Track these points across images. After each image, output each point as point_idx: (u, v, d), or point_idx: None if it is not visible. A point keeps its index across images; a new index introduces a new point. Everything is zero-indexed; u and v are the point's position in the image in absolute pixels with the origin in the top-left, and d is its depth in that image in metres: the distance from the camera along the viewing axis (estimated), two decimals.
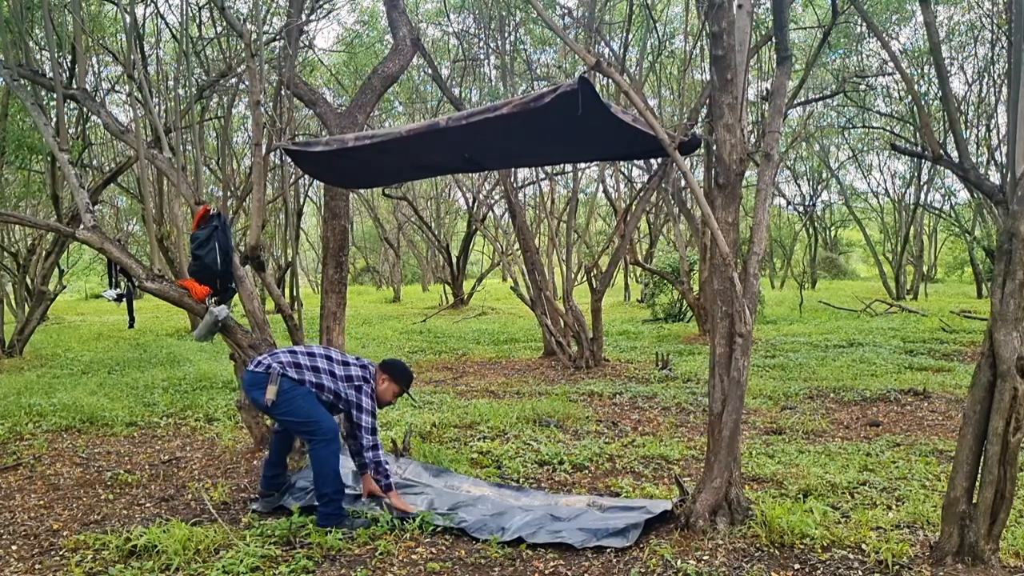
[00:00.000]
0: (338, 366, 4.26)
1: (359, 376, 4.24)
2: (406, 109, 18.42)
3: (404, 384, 4.42)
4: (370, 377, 4.27)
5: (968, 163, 3.67)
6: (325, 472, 4.05)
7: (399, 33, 6.17)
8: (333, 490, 4.06)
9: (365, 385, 4.23)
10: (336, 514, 4.05)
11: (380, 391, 4.32)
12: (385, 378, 4.34)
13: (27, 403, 7.37)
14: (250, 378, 4.19)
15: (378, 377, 4.32)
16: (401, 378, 4.39)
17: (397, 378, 4.37)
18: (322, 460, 4.07)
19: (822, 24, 10.72)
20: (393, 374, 4.36)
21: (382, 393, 4.33)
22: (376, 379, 4.31)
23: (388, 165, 4.96)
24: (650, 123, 3.67)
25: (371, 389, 4.24)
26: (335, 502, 4.06)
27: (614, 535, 3.80)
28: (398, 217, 25.99)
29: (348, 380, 4.22)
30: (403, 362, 4.53)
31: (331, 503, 4.05)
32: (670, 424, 6.56)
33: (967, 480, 3.37)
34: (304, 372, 4.16)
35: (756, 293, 3.86)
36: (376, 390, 4.29)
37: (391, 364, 4.43)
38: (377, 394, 4.30)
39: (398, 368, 4.42)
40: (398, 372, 4.39)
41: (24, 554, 3.90)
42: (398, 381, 4.38)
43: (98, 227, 5.06)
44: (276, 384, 4.09)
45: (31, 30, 8.37)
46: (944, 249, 32.40)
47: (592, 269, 11.15)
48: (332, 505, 4.06)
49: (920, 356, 10.03)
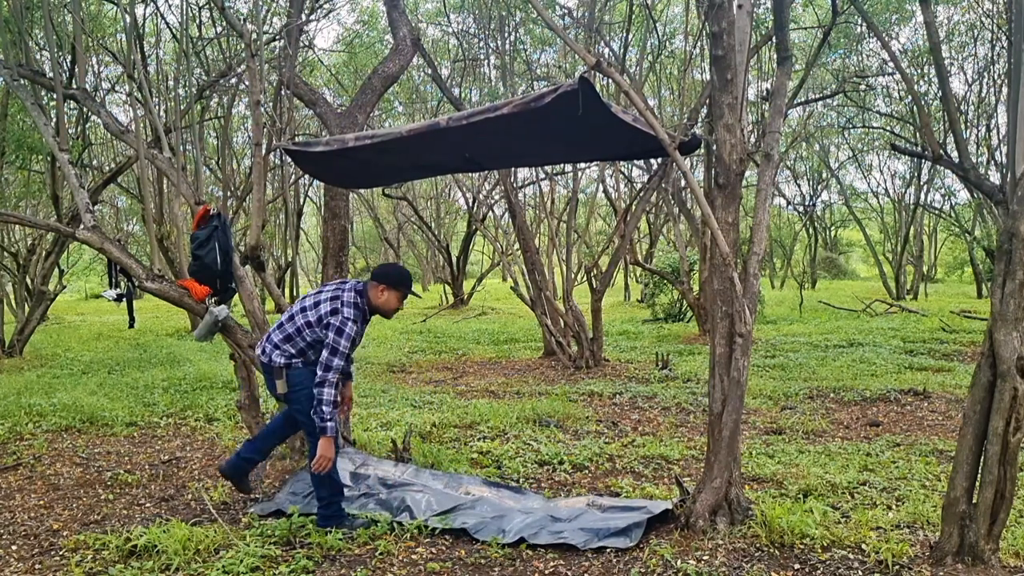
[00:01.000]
0: (311, 311, 4.00)
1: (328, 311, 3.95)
2: (406, 109, 18.42)
3: (404, 287, 4.11)
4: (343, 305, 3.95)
5: (968, 163, 3.67)
6: (323, 475, 4.04)
7: (399, 33, 6.17)
8: (330, 492, 4.05)
9: (334, 319, 3.92)
10: (336, 515, 4.05)
11: (382, 303, 4.06)
12: (383, 288, 4.06)
13: (27, 403, 7.37)
14: (263, 368, 4.14)
15: (375, 291, 4.06)
16: (399, 282, 4.10)
17: (394, 283, 4.09)
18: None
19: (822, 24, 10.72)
20: (389, 281, 4.08)
21: (384, 304, 4.07)
22: (368, 295, 4.06)
23: (388, 165, 4.96)
24: (650, 123, 3.67)
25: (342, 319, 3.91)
26: (334, 504, 4.06)
27: (616, 535, 3.80)
28: (398, 217, 26.00)
29: (320, 321, 3.96)
30: (395, 264, 4.26)
31: (330, 505, 4.05)
32: (670, 424, 6.56)
33: (967, 480, 3.37)
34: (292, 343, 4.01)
35: (756, 293, 3.86)
36: (376, 304, 4.06)
37: (383, 272, 4.15)
38: (380, 306, 4.06)
39: (392, 273, 4.14)
40: (393, 277, 4.11)
41: (24, 554, 3.90)
42: (397, 286, 4.09)
43: (98, 227, 5.06)
44: (283, 379, 4.03)
45: (31, 30, 8.37)
46: (944, 249, 32.40)
47: (592, 269, 11.15)
48: (332, 507, 4.05)
49: (920, 356, 10.03)
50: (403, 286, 4.11)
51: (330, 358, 3.88)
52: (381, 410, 7.13)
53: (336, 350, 3.89)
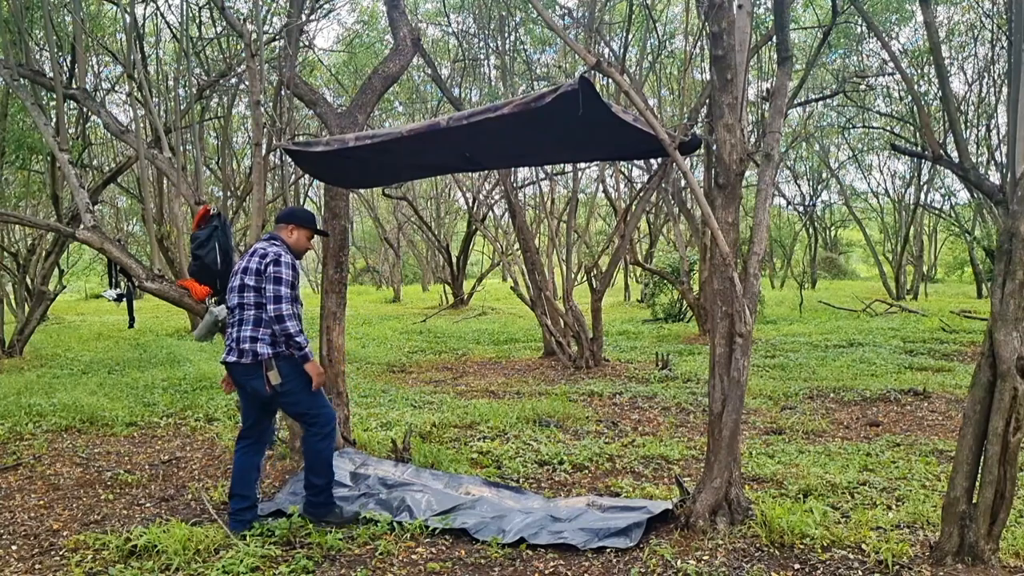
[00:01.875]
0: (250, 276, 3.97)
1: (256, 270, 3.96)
2: (406, 109, 18.43)
3: (308, 224, 4.19)
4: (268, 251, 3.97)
5: (968, 163, 3.67)
6: (318, 463, 4.06)
7: (399, 33, 6.16)
8: (325, 481, 4.07)
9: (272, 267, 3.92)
10: (326, 504, 4.07)
11: (293, 243, 4.13)
12: (291, 228, 4.15)
13: (27, 403, 7.37)
14: (244, 370, 4.02)
15: (284, 232, 4.13)
16: (302, 220, 4.18)
17: (299, 222, 4.17)
18: (317, 451, 4.08)
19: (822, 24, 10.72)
20: (296, 221, 4.17)
21: (296, 243, 4.14)
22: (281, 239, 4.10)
23: (388, 165, 4.96)
24: (650, 123, 3.67)
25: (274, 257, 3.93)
26: (326, 492, 4.08)
27: (616, 535, 3.80)
28: (398, 217, 25.98)
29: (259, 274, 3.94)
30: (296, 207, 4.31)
31: (321, 493, 4.08)
32: (670, 424, 6.56)
33: (967, 480, 3.37)
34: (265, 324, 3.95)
35: (756, 293, 3.86)
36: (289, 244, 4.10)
37: (288, 213, 4.22)
38: (292, 246, 4.11)
39: (295, 214, 4.22)
40: (297, 217, 4.19)
41: (24, 554, 3.90)
42: (301, 224, 4.17)
43: (98, 227, 5.06)
44: (275, 369, 3.95)
45: (31, 30, 8.37)
46: (944, 249, 32.40)
47: (592, 269, 11.15)
48: (323, 495, 4.08)
49: (920, 356, 10.03)
50: (308, 223, 4.20)
51: (276, 288, 3.87)
52: (381, 410, 7.13)
53: (280, 279, 3.89)
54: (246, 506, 4.10)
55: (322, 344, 5.77)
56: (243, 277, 4.01)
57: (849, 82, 14.93)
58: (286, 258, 3.97)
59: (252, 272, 3.98)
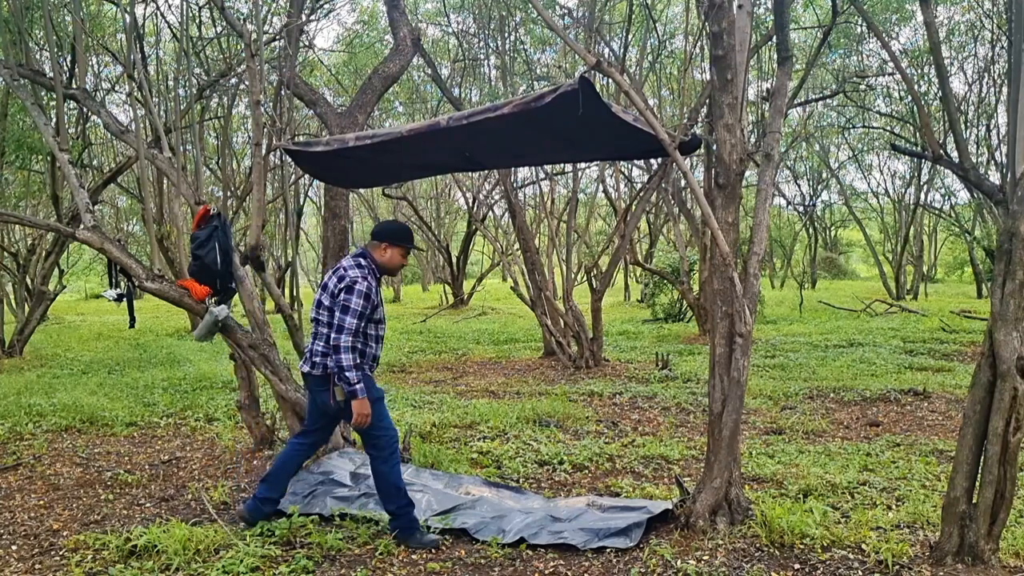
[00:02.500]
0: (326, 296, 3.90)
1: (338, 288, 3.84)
2: (406, 109, 18.43)
3: (402, 240, 4.03)
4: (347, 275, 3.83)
5: (968, 163, 3.67)
6: (383, 486, 3.93)
7: (399, 33, 6.18)
8: (397, 506, 3.91)
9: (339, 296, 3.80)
10: (408, 527, 3.90)
11: (386, 260, 3.99)
12: (384, 246, 3.99)
13: (27, 403, 7.37)
14: (314, 381, 3.99)
15: (377, 250, 3.99)
16: (397, 237, 4.03)
17: (394, 239, 4.02)
18: (383, 476, 3.94)
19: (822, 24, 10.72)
20: (390, 238, 4.01)
21: (389, 261, 4.00)
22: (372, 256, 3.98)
23: (388, 165, 4.96)
24: (650, 123, 3.67)
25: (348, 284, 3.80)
26: (401, 517, 3.92)
27: (616, 535, 3.80)
28: (398, 217, 25.99)
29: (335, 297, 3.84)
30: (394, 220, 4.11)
31: (399, 518, 3.92)
32: (670, 424, 6.56)
33: (967, 480, 3.37)
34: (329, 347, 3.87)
35: (756, 293, 3.86)
36: (381, 263, 3.98)
37: (381, 229, 4.06)
38: (385, 264, 3.98)
39: (390, 230, 4.06)
40: (393, 233, 4.03)
41: (24, 554, 3.90)
42: (396, 241, 4.01)
43: (98, 227, 5.06)
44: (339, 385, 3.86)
45: (31, 30, 8.36)
46: (944, 249, 32.39)
47: (592, 269, 11.15)
48: (400, 519, 3.92)
49: (920, 356, 10.03)
50: (403, 240, 4.04)
51: (342, 318, 3.75)
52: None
53: (347, 309, 3.76)
54: (271, 497, 4.06)
55: None
56: (322, 293, 3.97)
57: (849, 82, 14.92)
58: (361, 286, 3.79)
59: (328, 292, 3.91)
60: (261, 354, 5.13)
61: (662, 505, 4.12)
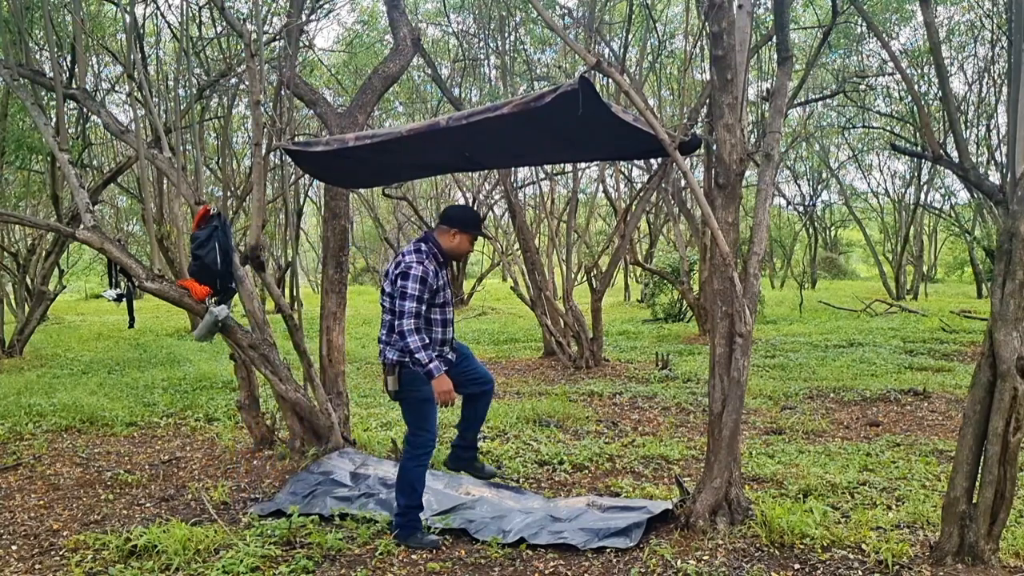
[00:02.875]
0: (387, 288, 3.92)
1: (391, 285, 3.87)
2: (406, 109, 18.41)
3: (470, 226, 3.98)
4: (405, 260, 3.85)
5: (968, 163, 3.67)
6: (404, 483, 3.93)
7: (399, 33, 6.17)
8: (406, 503, 3.92)
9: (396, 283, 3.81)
10: (409, 525, 3.92)
11: (455, 246, 3.97)
12: (454, 232, 3.96)
13: (27, 403, 7.37)
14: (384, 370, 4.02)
15: (445, 235, 3.96)
16: (463, 222, 3.98)
17: (464, 225, 3.97)
18: (405, 472, 3.95)
19: (822, 24, 10.72)
20: (460, 224, 3.97)
21: (457, 247, 3.98)
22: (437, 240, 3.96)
23: (388, 165, 4.96)
24: (650, 123, 3.67)
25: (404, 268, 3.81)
26: (407, 514, 3.93)
27: (616, 535, 3.80)
28: (398, 217, 25.95)
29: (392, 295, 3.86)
30: (464, 205, 4.09)
31: (402, 514, 3.94)
32: (670, 424, 6.56)
33: (967, 480, 3.37)
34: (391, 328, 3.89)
35: (756, 293, 3.86)
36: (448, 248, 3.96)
37: (452, 215, 4.01)
38: (452, 249, 3.97)
39: (460, 216, 4.00)
40: (462, 219, 3.98)
41: (24, 554, 3.90)
42: (462, 226, 3.96)
43: (98, 227, 5.06)
44: (395, 375, 3.89)
45: (31, 30, 8.36)
46: (944, 249, 32.38)
47: (592, 269, 11.15)
48: (404, 516, 3.93)
49: (920, 356, 10.03)
50: (470, 225, 3.99)
51: (401, 304, 3.75)
52: (381, 410, 7.13)
53: (405, 294, 3.76)
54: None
55: (322, 344, 5.77)
56: (384, 281, 3.99)
57: (849, 82, 14.92)
58: (416, 270, 3.78)
59: (389, 279, 3.91)
60: (261, 354, 5.14)
61: (662, 505, 4.12)
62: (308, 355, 5.33)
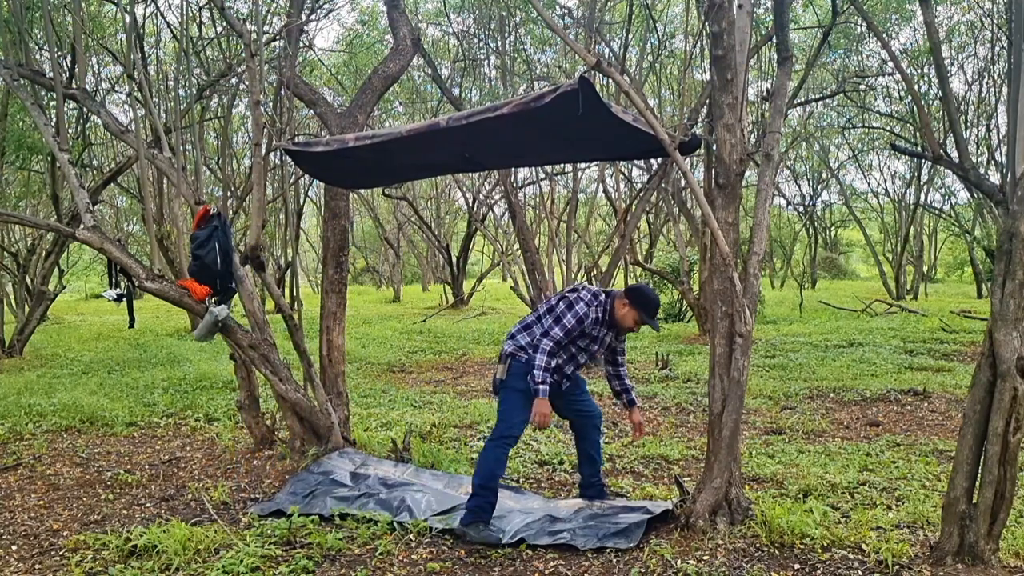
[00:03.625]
0: (551, 301, 4.15)
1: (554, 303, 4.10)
2: (406, 109, 18.42)
3: (644, 310, 4.04)
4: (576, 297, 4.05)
5: (968, 163, 3.67)
6: (484, 465, 4.01)
7: (399, 33, 6.17)
8: (480, 483, 3.97)
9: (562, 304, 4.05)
10: (475, 511, 3.96)
11: (619, 316, 4.08)
12: (626, 303, 4.07)
13: (27, 403, 7.37)
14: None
15: (619, 302, 4.09)
16: (641, 304, 4.05)
17: (636, 303, 4.05)
18: (486, 454, 4.03)
19: (822, 24, 10.72)
20: (635, 301, 4.06)
21: (621, 319, 4.09)
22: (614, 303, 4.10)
23: (388, 165, 4.96)
24: (650, 123, 3.67)
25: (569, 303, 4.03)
26: (480, 496, 3.97)
27: (616, 535, 3.80)
28: (398, 217, 25.98)
29: (551, 310, 4.08)
30: (649, 288, 4.20)
31: (475, 497, 3.98)
32: (670, 424, 6.56)
33: (967, 480, 3.37)
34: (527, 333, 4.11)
35: (756, 293, 3.86)
36: (614, 315, 4.09)
37: (635, 290, 4.14)
38: (617, 318, 4.09)
39: (641, 296, 4.09)
40: (640, 299, 4.06)
41: (24, 554, 3.90)
42: (637, 306, 4.04)
43: (98, 227, 5.06)
44: (505, 364, 4.08)
45: (31, 30, 8.36)
46: (944, 249, 32.39)
47: (592, 269, 11.16)
48: (477, 499, 3.98)
49: (920, 356, 10.02)
50: (644, 310, 4.06)
51: (552, 326, 4.00)
52: (381, 410, 7.13)
53: (560, 320, 3.99)
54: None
55: (322, 344, 5.77)
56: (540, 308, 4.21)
57: (849, 82, 14.92)
58: (581, 309, 4.01)
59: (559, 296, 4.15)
60: (261, 354, 5.14)
61: (662, 505, 4.12)
62: (308, 355, 5.33)
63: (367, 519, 4.16)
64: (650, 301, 4.10)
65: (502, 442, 4.04)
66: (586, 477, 4.46)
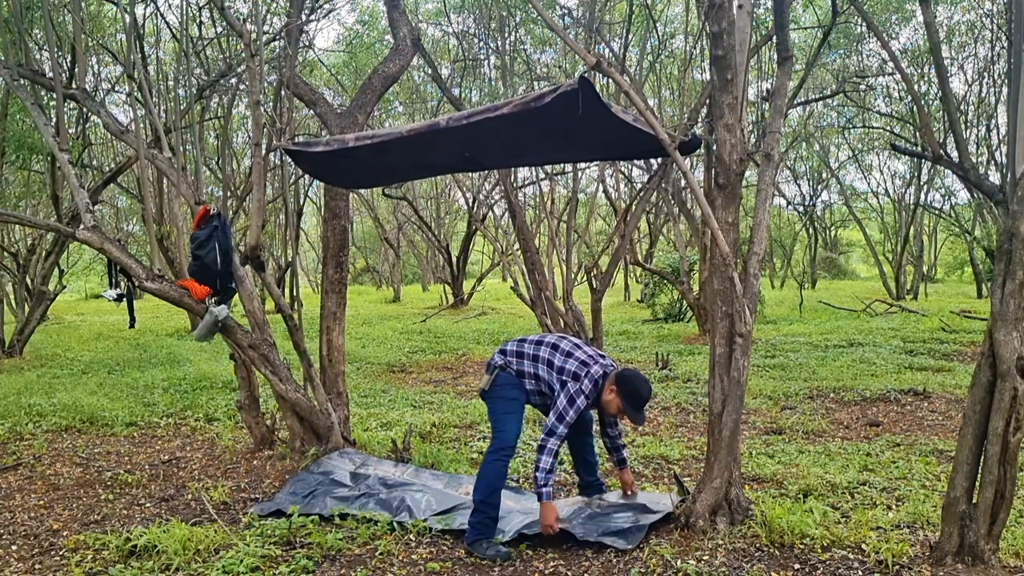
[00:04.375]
0: (559, 356, 3.98)
1: (571, 372, 3.90)
2: (406, 109, 18.41)
3: (628, 402, 3.85)
4: (586, 376, 3.86)
5: (968, 163, 3.67)
6: (483, 481, 3.91)
7: (399, 33, 6.16)
8: (481, 499, 3.89)
9: (572, 383, 3.87)
10: (479, 528, 3.87)
11: (604, 400, 3.94)
12: (612, 389, 3.89)
13: (27, 403, 7.37)
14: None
15: (607, 386, 3.91)
16: (627, 395, 3.85)
17: (622, 393, 3.86)
18: (486, 468, 3.95)
19: (822, 24, 10.71)
20: (623, 390, 3.86)
21: (605, 404, 3.95)
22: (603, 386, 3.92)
23: (388, 165, 4.96)
24: (650, 123, 3.67)
25: (578, 388, 3.86)
26: (480, 512, 3.89)
27: (616, 534, 3.80)
28: (398, 217, 25.98)
29: (560, 372, 3.93)
30: (643, 380, 3.93)
31: (477, 512, 3.89)
32: (670, 424, 6.56)
33: (967, 480, 3.37)
34: (524, 362, 4.05)
35: (756, 293, 3.86)
36: (602, 399, 3.94)
37: (626, 378, 3.90)
38: (601, 401, 3.94)
39: (632, 386, 3.87)
40: (629, 390, 3.86)
41: (24, 554, 3.90)
42: (622, 396, 3.86)
43: (98, 227, 5.06)
44: (492, 375, 4.06)
45: (31, 30, 8.36)
46: (944, 249, 32.39)
47: (592, 269, 11.14)
48: (479, 515, 3.89)
49: (920, 356, 10.02)
50: (629, 402, 3.87)
51: (555, 424, 3.84)
52: (381, 410, 7.13)
53: (563, 418, 3.84)
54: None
55: (322, 344, 5.77)
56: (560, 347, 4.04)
57: (849, 82, 14.92)
58: (580, 401, 3.86)
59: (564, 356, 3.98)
60: (261, 354, 5.14)
61: (661, 502, 4.13)
62: (308, 355, 5.33)
63: (367, 519, 4.16)
64: (638, 395, 3.86)
65: (500, 455, 3.97)
66: (584, 478, 4.47)
